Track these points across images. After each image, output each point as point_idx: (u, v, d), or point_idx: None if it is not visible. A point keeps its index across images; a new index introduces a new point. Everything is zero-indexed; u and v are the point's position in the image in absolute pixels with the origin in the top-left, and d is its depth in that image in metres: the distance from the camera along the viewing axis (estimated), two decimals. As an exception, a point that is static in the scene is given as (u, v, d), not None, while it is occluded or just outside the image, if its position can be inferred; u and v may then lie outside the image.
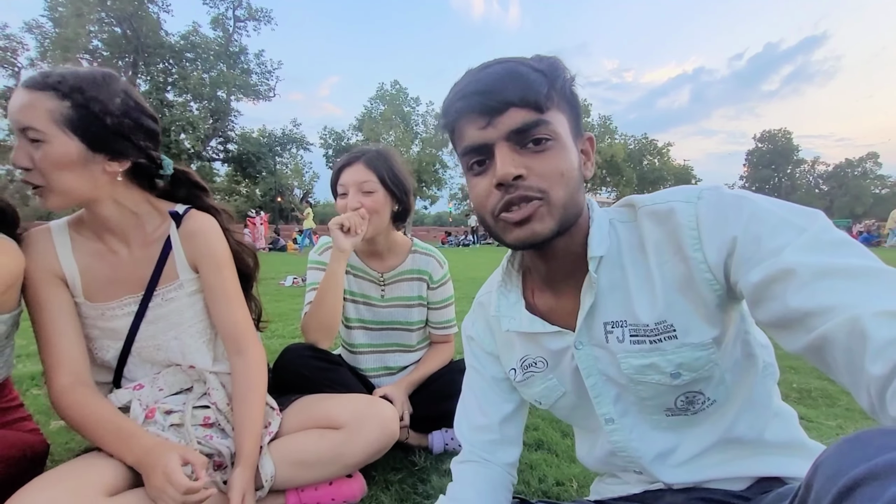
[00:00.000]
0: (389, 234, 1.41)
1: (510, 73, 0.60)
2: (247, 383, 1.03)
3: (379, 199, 1.28)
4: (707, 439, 0.69)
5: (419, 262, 1.45)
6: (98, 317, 1.00)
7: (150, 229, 1.01)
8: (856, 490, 0.31)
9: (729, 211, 0.57)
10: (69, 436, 1.47)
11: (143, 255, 1.00)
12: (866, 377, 0.40)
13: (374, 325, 1.46)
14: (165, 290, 1.02)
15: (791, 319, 0.48)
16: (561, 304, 0.73)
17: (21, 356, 2.39)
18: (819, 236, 0.50)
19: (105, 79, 0.89)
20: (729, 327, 0.63)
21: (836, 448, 0.36)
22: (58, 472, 0.85)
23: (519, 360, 0.78)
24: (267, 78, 28.42)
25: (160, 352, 1.04)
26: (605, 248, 0.66)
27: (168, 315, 1.03)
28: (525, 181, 0.60)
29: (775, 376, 0.71)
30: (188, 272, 1.04)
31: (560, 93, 0.62)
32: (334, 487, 1.09)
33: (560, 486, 1.21)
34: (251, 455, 0.97)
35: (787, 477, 0.67)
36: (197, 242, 1.02)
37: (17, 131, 0.83)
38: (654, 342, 0.65)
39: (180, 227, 1.02)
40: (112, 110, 0.88)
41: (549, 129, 0.60)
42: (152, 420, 0.98)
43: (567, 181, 0.61)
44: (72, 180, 0.87)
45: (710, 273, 0.58)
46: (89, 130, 0.86)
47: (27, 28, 21.72)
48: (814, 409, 1.75)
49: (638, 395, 0.69)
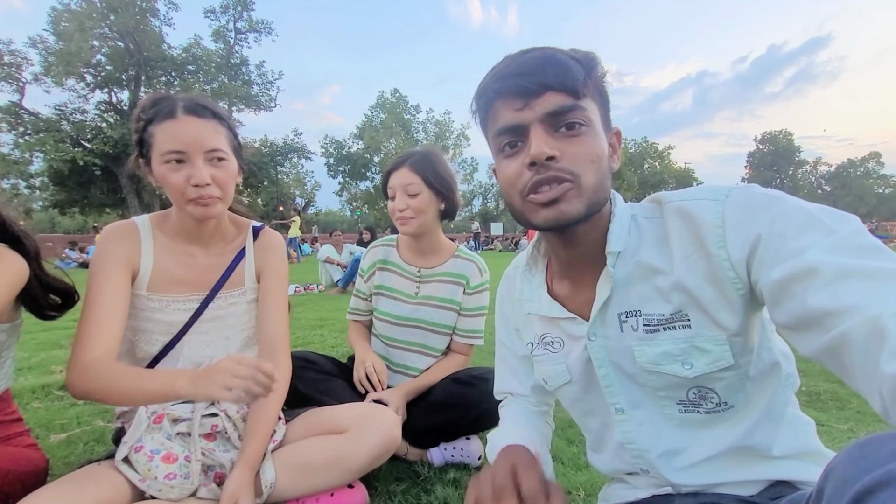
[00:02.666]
0: (435, 234, 1.46)
1: (549, 58, 0.62)
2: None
3: (424, 200, 1.35)
4: (720, 444, 0.68)
5: (460, 267, 1.46)
6: (159, 308, 1.05)
7: (230, 238, 1.14)
8: (869, 497, 0.30)
9: (756, 209, 0.56)
10: (68, 450, 1.45)
11: (217, 260, 1.11)
12: (880, 377, 0.38)
13: (399, 320, 1.47)
14: (229, 294, 1.11)
15: (810, 320, 0.46)
16: (577, 293, 0.74)
17: (23, 369, 2.38)
18: (848, 239, 0.48)
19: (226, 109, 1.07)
20: (749, 332, 0.62)
21: (847, 453, 0.35)
22: (56, 486, 0.84)
23: (539, 335, 0.81)
24: (268, 88, 28.65)
25: (207, 348, 1.10)
26: (623, 244, 0.67)
27: (226, 317, 1.11)
28: (557, 163, 0.61)
29: (794, 386, 0.69)
30: (253, 281, 1.15)
31: (594, 83, 0.64)
32: (335, 498, 1.07)
33: (567, 494, 1.19)
34: (253, 456, 0.97)
35: (798, 482, 0.66)
36: (268, 255, 1.16)
37: (200, 153, 0.95)
38: (667, 329, 0.65)
39: (257, 241, 1.16)
40: (236, 132, 1.06)
41: (583, 114, 0.61)
42: (159, 426, 0.97)
43: (598, 167, 0.62)
44: (233, 192, 1.04)
45: (733, 271, 0.58)
46: (237, 151, 1.04)
47: (31, 43, 21.96)
48: (824, 413, 1.72)
49: (651, 385, 0.69)
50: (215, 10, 26.91)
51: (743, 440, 0.66)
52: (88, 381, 0.90)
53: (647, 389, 0.70)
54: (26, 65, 22.18)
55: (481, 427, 1.36)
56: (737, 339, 0.62)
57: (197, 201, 0.97)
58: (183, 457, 0.95)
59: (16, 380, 2.16)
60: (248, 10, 27.33)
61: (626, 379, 0.72)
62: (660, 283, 0.65)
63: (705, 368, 0.63)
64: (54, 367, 2.41)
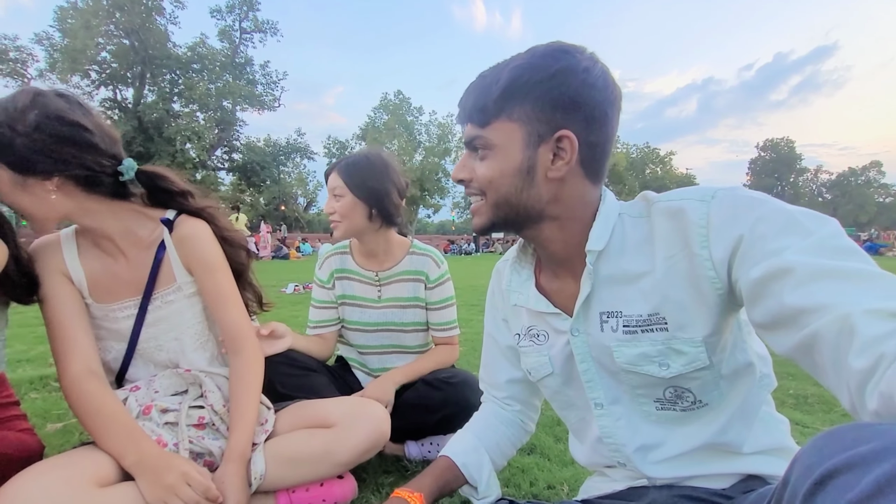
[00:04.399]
0: (381, 235, 1.42)
1: (475, 88, 0.70)
2: (243, 381, 1.06)
3: (347, 204, 1.34)
4: (694, 440, 0.70)
5: (416, 263, 1.46)
6: (103, 317, 1.04)
7: (144, 235, 1.04)
8: (829, 481, 0.31)
9: (740, 210, 0.57)
10: (64, 438, 1.48)
11: (138, 260, 1.04)
12: (848, 372, 0.40)
13: (369, 327, 1.47)
14: (164, 293, 1.06)
15: (785, 317, 0.48)
16: (563, 288, 0.76)
17: (21, 361, 2.41)
18: (825, 241, 0.49)
19: (15, 100, 0.88)
20: (724, 332, 0.64)
21: (812, 443, 0.36)
22: (51, 462, 0.86)
23: (526, 328, 0.83)
24: (272, 88, 28.84)
25: (161, 352, 1.07)
26: (604, 243, 0.69)
27: (168, 317, 1.06)
28: (471, 182, 0.72)
29: (770, 387, 0.72)
30: (185, 275, 1.07)
31: (512, 98, 0.65)
32: (325, 489, 1.09)
33: (551, 489, 1.21)
34: (239, 449, 0.98)
35: (769, 476, 0.68)
36: (189, 247, 1.05)
37: None
38: (644, 331, 0.67)
39: (173, 233, 1.05)
40: (22, 131, 0.86)
41: (484, 141, 0.68)
42: (148, 417, 1.00)
43: (497, 186, 0.69)
44: (24, 204, 0.92)
45: (714, 271, 0.59)
46: (7, 156, 0.87)
47: (37, 39, 22.15)
48: (810, 415, 1.74)
49: (630, 383, 0.71)
50: (221, 10, 27.11)
51: (716, 437, 0.69)
52: (72, 398, 0.94)
53: (626, 387, 0.72)
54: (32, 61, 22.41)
55: (444, 430, 1.35)
56: (711, 340, 0.64)
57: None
58: (172, 444, 0.97)
59: (14, 371, 2.19)
60: (253, 10, 27.51)
61: (607, 375, 0.74)
62: (640, 283, 0.67)
63: (681, 369, 0.65)
64: (52, 360, 2.43)
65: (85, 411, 0.93)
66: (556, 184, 0.68)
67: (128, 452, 0.89)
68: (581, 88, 0.64)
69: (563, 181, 0.68)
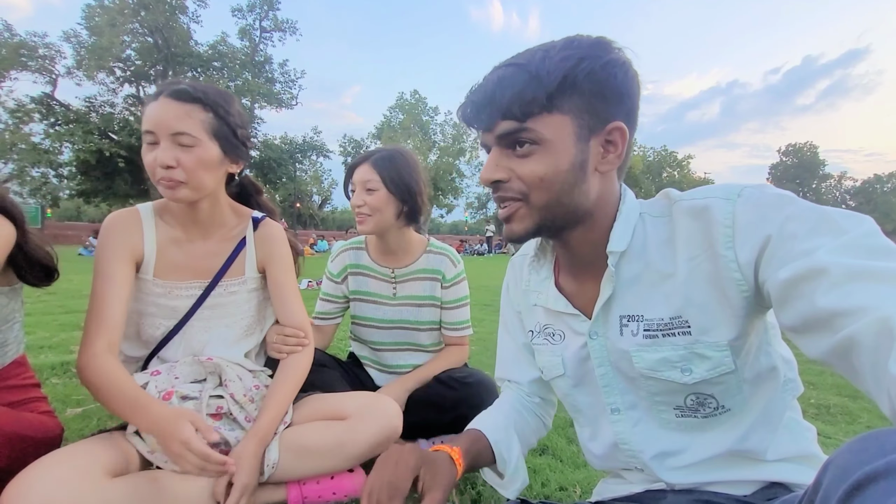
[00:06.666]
0: (402, 233, 1.43)
1: (502, 81, 0.62)
2: (290, 369, 1.13)
3: (381, 198, 1.32)
4: (715, 447, 0.68)
5: (433, 262, 1.46)
6: (163, 294, 1.09)
7: (230, 227, 1.15)
8: (868, 485, 0.30)
9: (768, 210, 0.55)
10: (83, 423, 1.51)
11: (217, 248, 1.13)
12: (889, 379, 0.37)
13: (383, 323, 1.47)
14: (230, 282, 1.13)
15: (817, 320, 0.46)
16: (582, 290, 0.74)
17: (43, 348, 2.47)
18: (860, 240, 0.47)
19: (230, 96, 1.07)
20: (749, 335, 0.62)
21: (847, 446, 0.34)
22: (65, 451, 0.87)
23: (542, 325, 0.81)
24: (290, 87, 29.13)
25: (207, 333, 1.13)
26: (626, 244, 0.66)
27: (226, 305, 1.14)
28: (507, 183, 0.65)
29: (796, 392, 0.69)
30: (254, 271, 1.17)
31: (565, 89, 0.60)
32: (336, 481, 1.09)
33: (563, 490, 1.20)
34: (263, 429, 1.01)
35: (794, 484, 0.65)
36: (270, 246, 1.17)
37: (167, 135, 0.96)
38: (666, 335, 0.64)
39: (257, 231, 1.16)
40: (238, 122, 1.06)
41: (532, 134, 0.62)
42: (168, 402, 1.01)
43: (549, 185, 0.63)
44: (207, 179, 1.02)
45: (740, 272, 0.57)
46: (226, 138, 1.03)
47: (65, 37, 22.73)
48: (832, 426, 1.69)
49: (648, 390, 0.69)
50: (242, 9, 27.52)
51: (738, 444, 0.66)
52: (87, 372, 0.96)
53: (644, 393, 0.70)
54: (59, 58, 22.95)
55: (456, 429, 1.33)
56: (737, 343, 0.61)
57: (160, 182, 0.98)
58: None
59: (36, 357, 2.24)
60: (273, 9, 27.87)
61: (624, 380, 0.71)
62: (662, 286, 0.65)
63: (705, 374, 0.63)
64: (73, 347, 2.49)
65: (96, 385, 0.95)
66: (602, 179, 0.66)
67: (137, 421, 0.93)
68: (625, 80, 0.62)
69: (605, 177, 0.66)
